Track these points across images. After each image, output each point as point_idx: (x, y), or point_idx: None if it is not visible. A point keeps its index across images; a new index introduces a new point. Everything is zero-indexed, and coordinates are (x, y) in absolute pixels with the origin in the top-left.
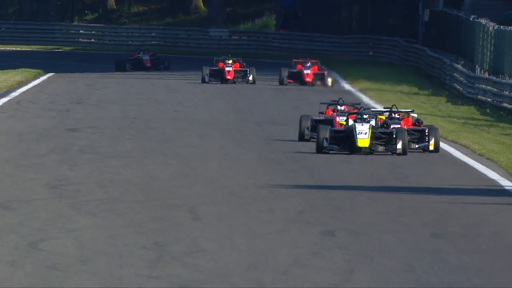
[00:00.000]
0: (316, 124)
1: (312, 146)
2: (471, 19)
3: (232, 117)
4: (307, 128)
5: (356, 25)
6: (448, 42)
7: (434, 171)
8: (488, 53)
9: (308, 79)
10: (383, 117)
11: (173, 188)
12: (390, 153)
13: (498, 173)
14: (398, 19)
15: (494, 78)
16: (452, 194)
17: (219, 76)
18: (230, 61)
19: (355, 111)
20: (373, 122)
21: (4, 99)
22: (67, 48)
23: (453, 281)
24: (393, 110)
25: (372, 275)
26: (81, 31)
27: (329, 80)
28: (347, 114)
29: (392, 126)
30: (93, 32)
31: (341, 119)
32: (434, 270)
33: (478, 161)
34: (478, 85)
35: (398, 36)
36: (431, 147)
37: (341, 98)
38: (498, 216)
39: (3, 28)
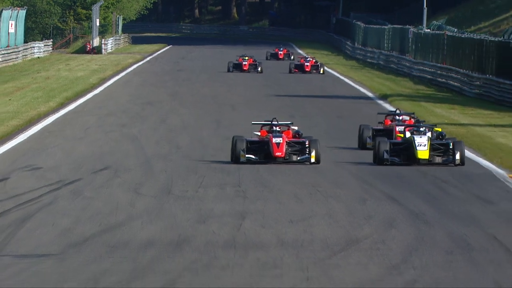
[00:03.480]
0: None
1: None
2: (353, 21)
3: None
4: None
5: (302, 24)
6: (344, 32)
7: (333, 88)
8: (360, 37)
9: (307, 69)
10: (439, 129)
11: (225, 96)
12: (447, 164)
13: (366, 90)
14: (320, 20)
15: (364, 47)
16: (344, 98)
17: (239, 68)
18: (246, 57)
19: (411, 121)
20: (429, 134)
21: (150, 57)
22: (175, 35)
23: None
24: (274, 123)
25: (316, 135)
26: (183, 27)
27: (322, 70)
28: (404, 126)
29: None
30: (189, 27)
31: (399, 128)
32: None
33: (358, 85)
34: (356, 51)
35: (321, 29)
36: (312, 159)
37: (398, 109)
38: (371, 108)
39: (149, 26)
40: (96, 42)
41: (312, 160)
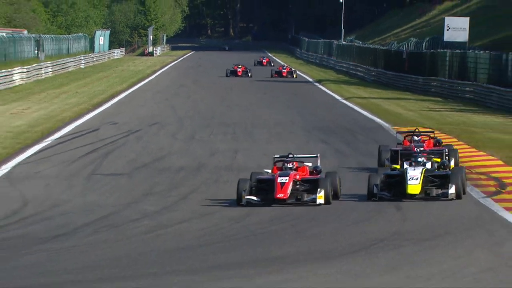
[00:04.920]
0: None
1: None
2: (301, 37)
3: (241, 78)
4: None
5: (272, 38)
6: (295, 43)
7: (291, 79)
8: (305, 46)
9: (284, 75)
10: (438, 159)
11: (226, 82)
12: (442, 198)
13: (308, 77)
14: (282, 37)
15: (307, 52)
16: (296, 82)
17: (234, 73)
18: (240, 65)
19: (430, 142)
20: (428, 165)
21: (181, 58)
22: (197, 45)
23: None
24: (289, 158)
25: (280, 105)
26: (201, 41)
27: (295, 75)
28: (400, 154)
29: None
30: (204, 39)
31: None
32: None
33: (304, 74)
34: (303, 55)
35: (283, 42)
36: (320, 200)
37: (417, 129)
38: (312, 89)
39: (181, 39)
40: (150, 49)
41: (320, 201)
